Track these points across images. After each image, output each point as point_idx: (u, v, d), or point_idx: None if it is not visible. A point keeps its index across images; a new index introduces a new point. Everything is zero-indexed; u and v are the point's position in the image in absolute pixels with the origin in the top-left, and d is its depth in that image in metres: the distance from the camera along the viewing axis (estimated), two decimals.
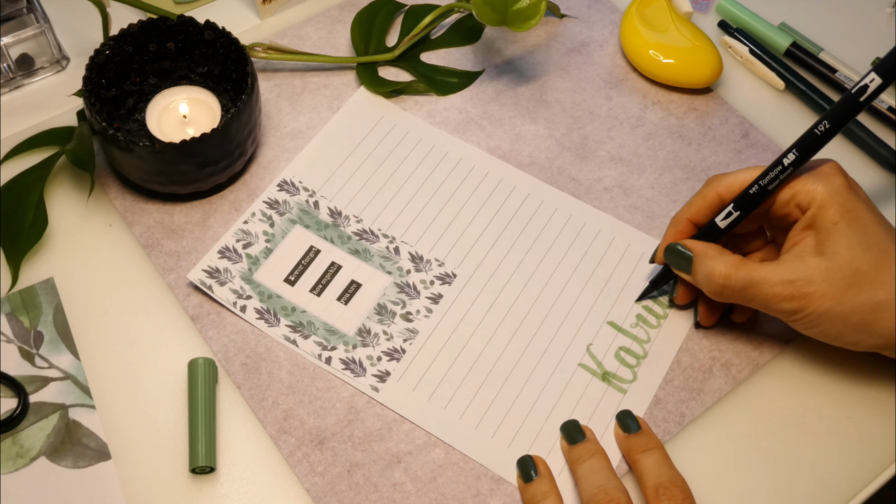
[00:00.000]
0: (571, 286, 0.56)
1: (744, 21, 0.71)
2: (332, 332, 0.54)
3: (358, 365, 0.53)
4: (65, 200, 0.59)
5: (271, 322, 0.54)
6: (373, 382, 0.52)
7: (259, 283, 0.55)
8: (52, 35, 0.64)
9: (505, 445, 0.50)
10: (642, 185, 0.61)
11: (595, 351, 0.54)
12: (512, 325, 0.55)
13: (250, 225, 0.57)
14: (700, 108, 0.66)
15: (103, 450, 0.50)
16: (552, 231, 0.59)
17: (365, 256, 0.57)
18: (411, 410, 0.51)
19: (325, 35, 0.69)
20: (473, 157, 0.62)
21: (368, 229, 0.58)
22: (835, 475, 0.51)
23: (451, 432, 0.51)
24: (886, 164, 0.63)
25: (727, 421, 0.52)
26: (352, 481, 0.49)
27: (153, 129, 0.59)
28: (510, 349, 0.54)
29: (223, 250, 0.56)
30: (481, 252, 0.58)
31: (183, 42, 0.61)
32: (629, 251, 0.58)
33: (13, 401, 0.51)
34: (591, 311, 0.55)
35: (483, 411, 0.51)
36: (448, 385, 0.52)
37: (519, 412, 0.52)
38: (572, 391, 0.52)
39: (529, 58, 0.69)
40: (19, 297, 0.55)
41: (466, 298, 0.56)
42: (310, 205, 0.58)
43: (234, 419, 0.51)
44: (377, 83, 0.65)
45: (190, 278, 0.55)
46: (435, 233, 0.58)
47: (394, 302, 0.55)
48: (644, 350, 0.54)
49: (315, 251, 0.56)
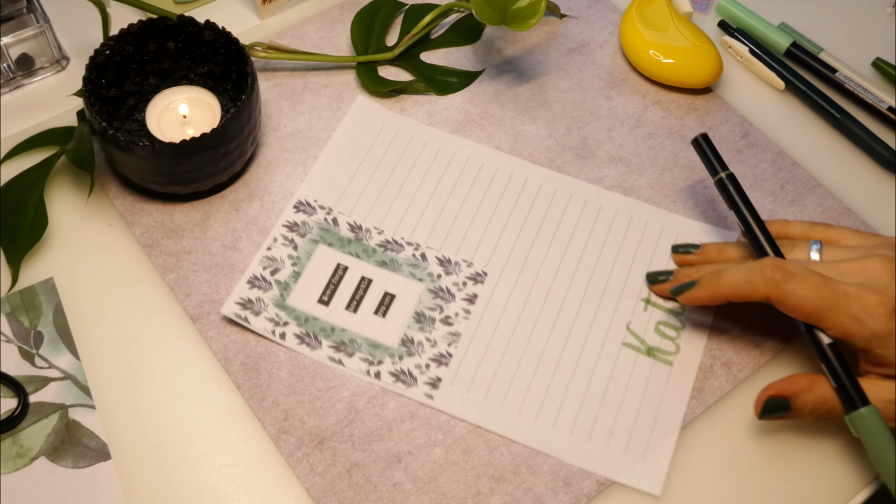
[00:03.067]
0: (601, 268, 0.57)
1: (744, 21, 0.71)
2: (375, 347, 0.53)
3: (408, 375, 0.52)
4: (65, 200, 0.59)
5: (313, 345, 0.53)
6: (426, 390, 0.52)
7: (294, 308, 0.54)
8: (52, 35, 0.64)
9: (567, 432, 0.51)
10: (642, 186, 0.61)
11: (635, 329, 0.55)
12: (551, 314, 0.55)
13: (274, 251, 0.56)
14: (700, 108, 0.66)
15: (103, 450, 0.50)
16: (572, 217, 0.59)
17: (393, 267, 0.56)
18: (470, 412, 0.51)
19: (325, 35, 0.69)
20: (480, 155, 0.62)
21: (392, 239, 0.58)
22: (835, 475, 0.51)
23: (514, 427, 0.51)
24: (886, 164, 0.63)
25: (728, 420, 0.52)
26: (352, 481, 0.49)
27: (153, 129, 0.59)
28: (553, 338, 0.54)
29: (252, 280, 0.55)
30: (507, 247, 0.58)
31: (183, 42, 0.61)
32: (648, 228, 0.59)
33: (13, 401, 0.51)
34: (624, 291, 0.56)
35: (540, 402, 0.52)
36: (501, 382, 0.52)
37: (574, 398, 0.52)
38: (621, 371, 0.53)
39: (529, 58, 0.69)
40: (19, 297, 0.55)
41: (502, 294, 0.56)
42: (329, 222, 0.58)
43: (234, 419, 0.51)
44: (377, 83, 0.65)
45: (224, 313, 0.54)
46: (458, 234, 0.58)
47: (431, 308, 0.55)
48: (681, 321, 0.55)
49: (343, 268, 0.56)
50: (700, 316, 0.55)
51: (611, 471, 0.50)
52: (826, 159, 0.64)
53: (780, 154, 0.64)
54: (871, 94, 0.66)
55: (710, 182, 0.62)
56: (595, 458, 0.50)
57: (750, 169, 0.63)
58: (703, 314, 0.56)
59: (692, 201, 0.61)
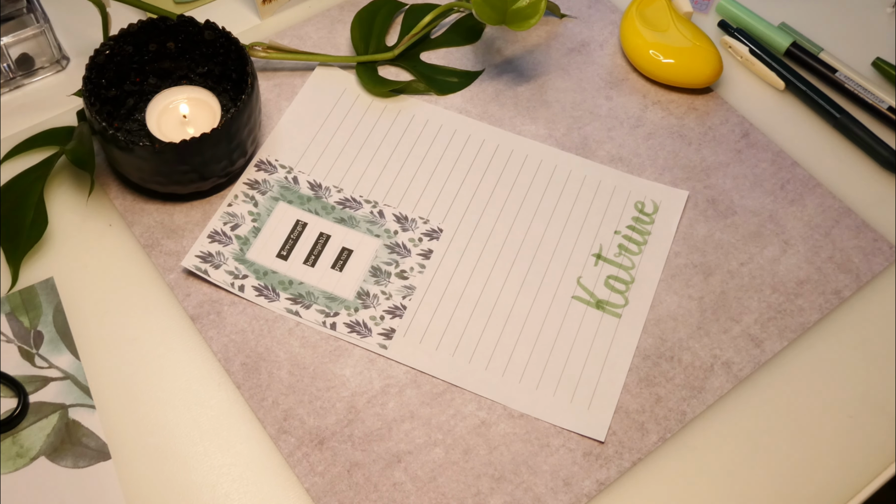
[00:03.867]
0: (554, 224, 0.59)
1: (744, 21, 0.71)
2: (332, 299, 0.55)
3: (363, 326, 0.54)
4: (65, 200, 0.59)
5: (271, 297, 0.55)
6: (380, 341, 0.54)
7: (253, 262, 0.56)
8: (52, 35, 0.64)
9: (516, 381, 0.53)
10: None
11: (585, 283, 0.57)
12: (503, 269, 0.57)
13: (235, 207, 0.58)
14: (700, 108, 0.66)
15: (103, 450, 0.50)
16: (527, 176, 0.61)
17: (351, 223, 0.58)
18: (422, 362, 0.53)
19: (325, 35, 0.69)
20: (439, 116, 0.64)
21: (350, 197, 0.59)
22: (835, 475, 0.51)
23: (463, 377, 0.53)
24: (886, 164, 0.63)
25: (728, 419, 0.52)
26: (352, 481, 0.49)
27: (153, 129, 0.59)
28: (505, 291, 0.56)
29: (213, 234, 0.57)
30: (463, 205, 0.60)
31: (183, 42, 0.61)
32: (602, 187, 0.61)
33: (13, 401, 0.51)
34: (576, 246, 0.58)
35: (490, 352, 0.54)
36: (453, 333, 0.54)
37: (524, 349, 0.54)
38: (571, 322, 0.55)
39: (529, 58, 0.69)
40: (19, 297, 0.55)
41: (456, 250, 0.58)
42: (289, 181, 0.60)
43: (234, 419, 0.51)
44: (377, 83, 0.65)
45: (184, 265, 0.55)
46: (415, 193, 0.60)
47: (387, 263, 0.57)
48: (631, 276, 0.57)
49: (302, 224, 0.58)
50: (649, 270, 0.57)
51: (557, 418, 0.52)
52: (826, 159, 0.64)
53: (780, 154, 0.64)
54: (871, 94, 0.66)
55: (711, 182, 0.62)
56: (542, 406, 0.52)
57: (750, 169, 0.63)
58: (652, 269, 0.57)
59: (692, 201, 0.61)
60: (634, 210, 0.60)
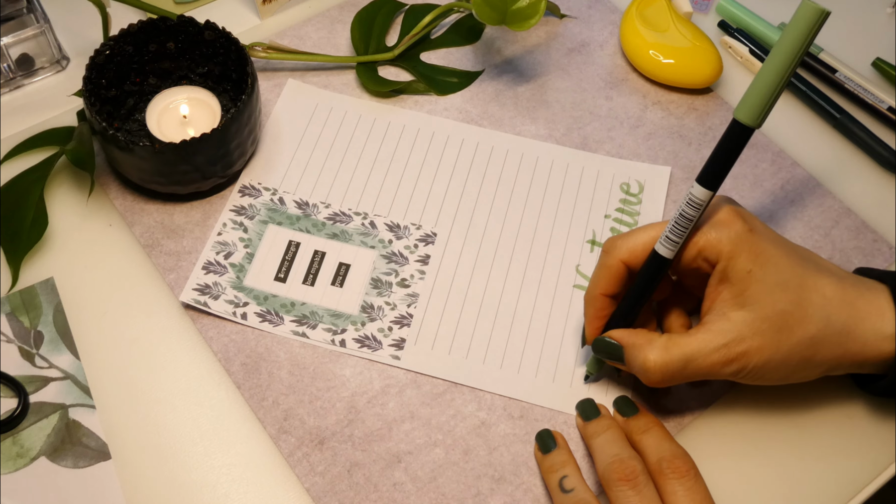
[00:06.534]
0: (545, 216, 0.59)
1: (744, 21, 0.71)
2: (337, 316, 0.55)
3: (372, 340, 0.54)
4: (65, 200, 0.59)
5: (275, 322, 0.54)
6: (391, 352, 0.53)
7: (252, 288, 0.55)
8: (52, 35, 0.64)
9: (532, 376, 0.53)
10: None
11: (584, 270, 0.57)
12: (502, 266, 0.57)
13: (225, 235, 0.57)
14: (700, 108, 0.66)
15: (103, 450, 0.50)
16: (511, 171, 0.62)
17: (344, 238, 0.58)
18: (437, 368, 0.53)
19: (325, 35, 0.69)
20: (416, 121, 0.64)
21: (339, 211, 0.59)
22: (835, 475, 0.51)
23: (480, 378, 0.53)
24: (886, 164, 0.63)
25: (728, 419, 0.52)
26: (352, 481, 0.49)
27: (153, 130, 0.59)
28: (508, 287, 0.56)
29: (207, 265, 0.56)
30: (452, 206, 0.60)
31: (183, 42, 0.61)
32: (585, 173, 0.61)
33: (13, 401, 0.51)
34: (570, 235, 0.58)
35: (502, 350, 0.54)
36: (463, 335, 0.54)
37: (535, 343, 0.54)
38: (576, 312, 0.55)
39: (529, 58, 0.69)
40: (19, 297, 0.55)
41: (453, 253, 0.58)
42: (275, 202, 0.59)
43: (234, 419, 0.51)
44: (377, 83, 0.65)
45: (182, 300, 0.54)
46: (403, 199, 0.60)
47: (386, 273, 0.56)
48: None
49: (295, 244, 0.57)
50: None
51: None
52: (826, 159, 0.64)
53: (780, 154, 0.64)
54: (871, 94, 0.66)
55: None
56: (561, 397, 0.52)
57: (750, 169, 0.63)
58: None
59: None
60: (621, 192, 0.60)
